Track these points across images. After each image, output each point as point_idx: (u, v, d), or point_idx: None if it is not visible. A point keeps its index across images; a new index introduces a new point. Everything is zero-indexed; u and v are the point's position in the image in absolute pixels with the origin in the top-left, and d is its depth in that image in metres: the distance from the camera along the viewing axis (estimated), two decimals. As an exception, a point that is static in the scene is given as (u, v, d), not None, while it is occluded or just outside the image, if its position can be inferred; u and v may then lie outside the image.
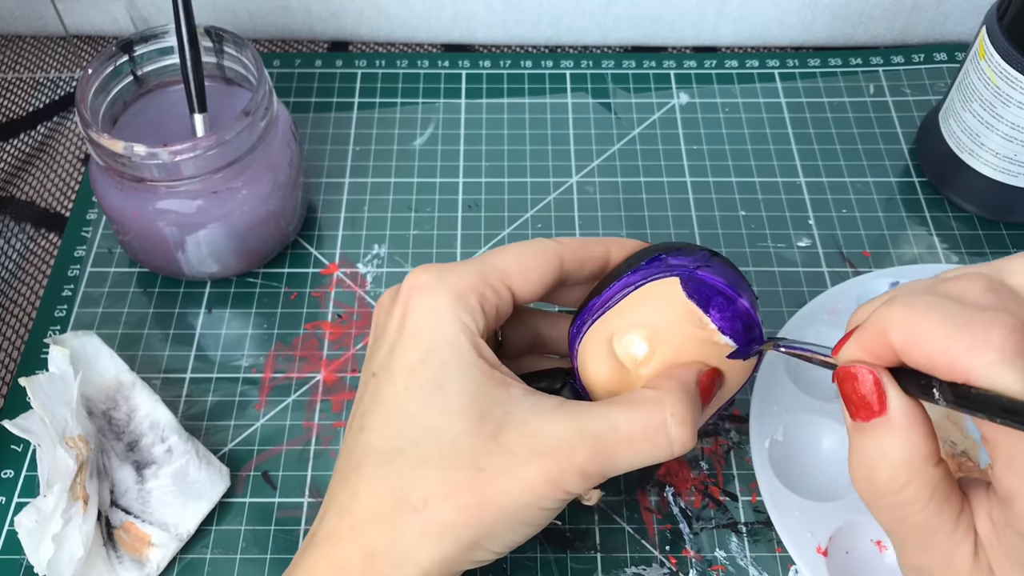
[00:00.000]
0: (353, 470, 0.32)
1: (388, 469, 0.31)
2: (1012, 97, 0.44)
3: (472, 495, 0.30)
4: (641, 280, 0.33)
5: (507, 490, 0.31)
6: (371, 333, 0.36)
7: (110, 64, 0.44)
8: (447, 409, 0.31)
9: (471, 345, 0.32)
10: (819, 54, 0.58)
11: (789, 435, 0.40)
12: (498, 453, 0.31)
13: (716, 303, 0.33)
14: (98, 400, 0.41)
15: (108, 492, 0.39)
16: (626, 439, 0.31)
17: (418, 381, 0.32)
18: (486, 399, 0.32)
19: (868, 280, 0.45)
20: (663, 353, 0.33)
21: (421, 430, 0.31)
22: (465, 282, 0.33)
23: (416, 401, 0.32)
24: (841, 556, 0.38)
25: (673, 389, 0.32)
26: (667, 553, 0.39)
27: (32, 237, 0.50)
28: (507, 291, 0.34)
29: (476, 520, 0.31)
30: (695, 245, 0.35)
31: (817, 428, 0.41)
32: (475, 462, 0.31)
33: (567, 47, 0.60)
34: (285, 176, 0.45)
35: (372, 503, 0.31)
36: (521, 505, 0.31)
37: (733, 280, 0.34)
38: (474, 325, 0.33)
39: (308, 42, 0.60)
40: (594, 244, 0.36)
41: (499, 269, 0.34)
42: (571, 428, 0.31)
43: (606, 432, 0.31)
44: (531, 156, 0.53)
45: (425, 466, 0.31)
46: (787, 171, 0.52)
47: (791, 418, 0.41)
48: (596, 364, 0.34)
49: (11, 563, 0.39)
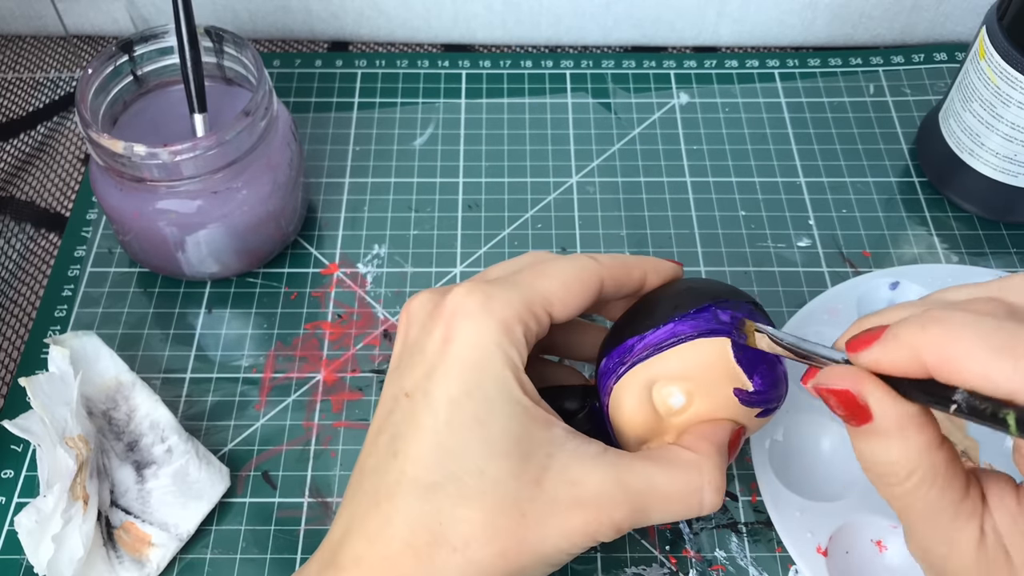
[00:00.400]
0: (385, 496, 0.31)
1: (427, 504, 0.31)
2: (1012, 97, 0.44)
3: (513, 540, 0.30)
4: (691, 332, 0.33)
5: (546, 536, 0.31)
6: (398, 343, 0.35)
7: (110, 64, 0.44)
8: (490, 449, 0.31)
9: (516, 381, 0.32)
10: (819, 54, 0.58)
11: (789, 435, 0.40)
12: (541, 500, 0.31)
13: (760, 370, 0.33)
14: (98, 400, 0.41)
15: (108, 492, 0.39)
16: (663, 499, 0.32)
17: (461, 416, 0.31)
18: (530, 440, 0.31)
19: (868, 280, 0.45)
20: (699, 408, 0.34)
21: (463, 468, 0.31)
22: (512, 311, 0.33)
23: (459, 437, 0.31)
24: (841, 556, 0.38)
25: (710, 454, 0.33)
26: (667, 553, 0.39)
27: (32, 237, 0.50)
28: (547, 317, 0.34)
29: (514, 564, 0.31)
30: (737, 292, 0.35)
31: (817, 428, 0.41)
32: (518, 507, 0.31)
33: (567, 47, 0.60)
34: (285, 176, 0.45)
35: (408, 536, 0.30)
36: (556, 551, 0.31)
37: None
38: (518, 359, 0.32)
39: (308, 42, 0.60)
40: (633, 266, 0.36)
41: (543, 295, 0.34)
42: (613, 481, 0.31)
43: (645, 490, 0.32)
44: (531, 156, 0.53)
45: (466, 506, 0.30)
46: (787, 171, 0.52)
47: (791, 418, 0.41)
48: (631, 406, 0.34)
49: (11, 563, 0.39)
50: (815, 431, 0.41)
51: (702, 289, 0.35)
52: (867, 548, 0.38)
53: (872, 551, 0.38)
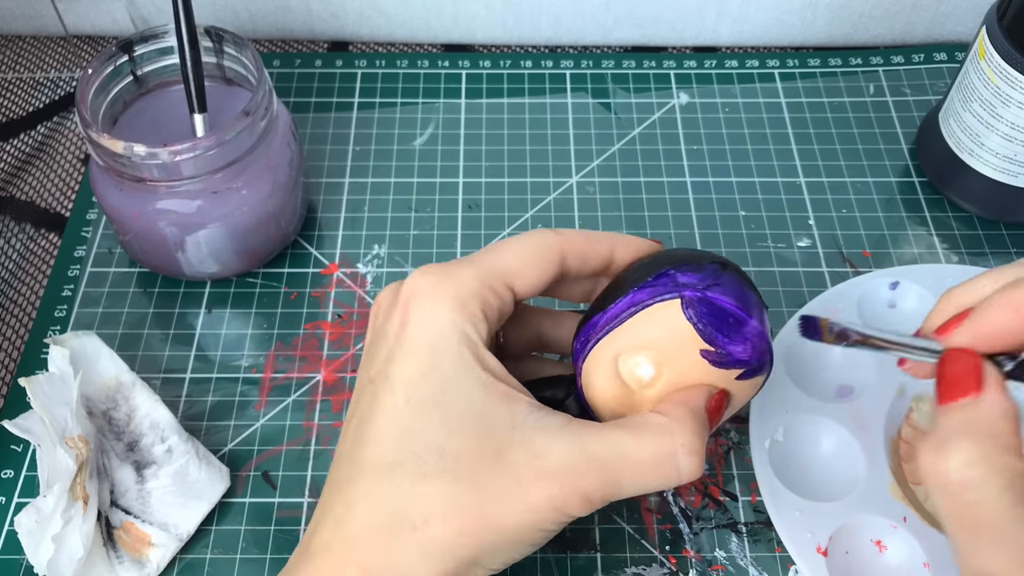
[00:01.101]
0: (347, 481, 0.32)
1: (386, 484, 0.31)
2: (1012, 97, 0.44)
3: (473, 516, 0.30)
4: (648, 299, 0.32)
5: (509, 512, 0.30)
6: (368, 333, 0.35)
7: (110, 64, 0.44)
8: (448, 425, 0.31)
9: (474, 357, 0.32)
10: (819, 54, 0.58)
11: (789, 435, 0.40)
12: (502, 474, 0.30)
13: (725, 329, 0.32)
14: (98, 400, 0.41)
15: (108, 492, 0.39)
16: (634, 467, 0.31)
17: (419, 395, 0.31)
18: (490, 416, 0.31)
19: (868, 280, 0.45)
20: (670, 376, 0.33)
21: (422, 446, 0.31)
22: (467, 289, 0.32)
23: (417, 416, 0.31)
24: (841, 556, 0.38)
25: (683, 418, 0.31)
26: (667, 553, 0.39)
27: (32, 237, 0.50)
28: (509, 292, 0.34)
29: (476, 540, 0.30)
30: (704, 255, 0.34)
31: (817, 428, 0.41)
32: (478, 482, 0.30)
33: (567, 47, 0.60)
34: (285, 176, 0.45)
35: (369, 518, 0.31)
36: (523, 527, 0.30)
37: (742, 297, 0.33)
38: (476, 335, 0.32)
39: (308, 42, 0.60)
40: (598, 240, 0.35)
41: (501, 270, 0.33)
42: (578, 451, 0.31)
43: (614, 459, 0.31)
44: (531, 156, 0.53)
45: (425, 483, 0.30)
46: (787, 171, 0.52)
47: (791, 418, 0.41)
48: (601, 383, 0.34)
49: (11, 563, 0.39)
50: (815, 431, 0.41)
51: (664, 257, 0.34)
52: (867, 548, 0.38)
53: (872, 551, 0.38)
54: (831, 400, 0.42)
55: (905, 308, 0.45)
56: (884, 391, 0.41)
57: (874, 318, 0.44)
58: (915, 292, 0.45)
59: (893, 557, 0.38)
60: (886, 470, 0.39)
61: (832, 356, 0.43)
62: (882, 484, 0.39)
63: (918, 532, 0.37)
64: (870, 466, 0.39)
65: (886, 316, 0.45)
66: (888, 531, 0.38)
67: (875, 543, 0.38)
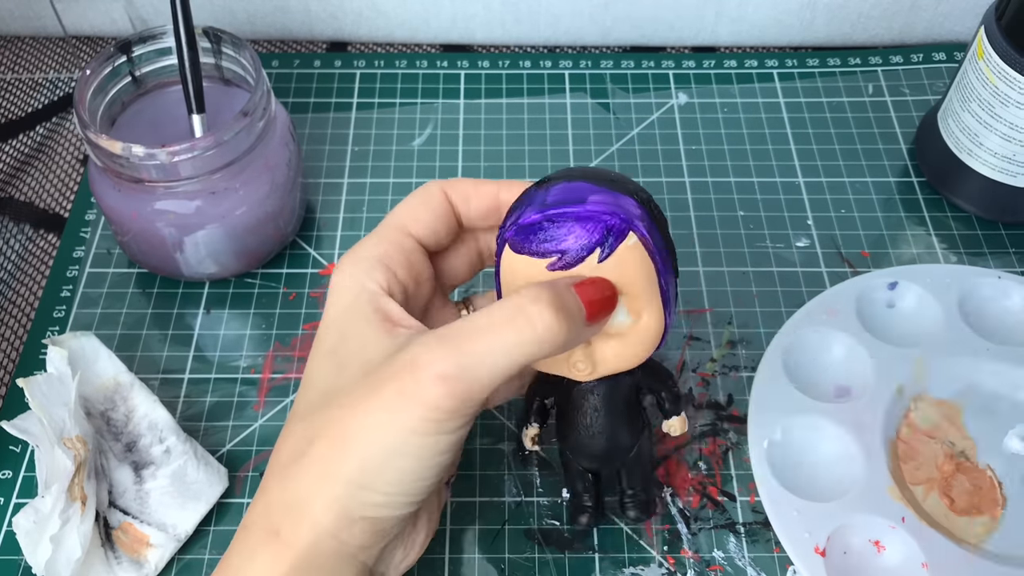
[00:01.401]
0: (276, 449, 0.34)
1: (292, 427, 0.33)
2: (1010, 97, 0.44)
3: (341, 427, 0.31)
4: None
5: (367, 412, 0.30)
6: None
7: (108, 65, 0.44)
8: (339, 369, 0.33)
9: (369, 303, 0.33)
10: (818, 54, 0.58)
11: (787, 436, 0.41)
12: (364, 385, 0.31)
13: (521, 242, 0.33)
14: (96, 401, 0.41)
15: (106, 493, 0.39)
16: (485, 331, 0.30)
17: (321, 349, 0.34)
18: (373, 349, 0.32)
19: (867, 280, 0.45)
20: None
21: (318, 391, 0.33)
22: (364, 250, 0.35)
23: (317, 366, 0.34)
24: (839, 556, 0.38)
25: (532, 288, 0.31)
26: (665, 553, 0.39)
27: (31, 238, 0.50)
28: (409, 238, 0.36)
29: (351, 452, 0.30)
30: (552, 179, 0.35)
31: (816, 429, 0.41)
32: (353, 405, 0.31)
33: (566, 47, 0.60)
34: (283, 176, 0.45)
35: (278, 459, 0.33)
36: (385, 428, 0.30)
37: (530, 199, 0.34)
38: (375, 284, 0.34)
39: (307, 42, 0.60)
40: (482, 183, 0.37)
41: (394, 223, 0.36)
42: (431, 339, 0.31)
43: (464, 333, 0.30)
44: (530, 156, 0.53)
45: (311, 416, 0.32)
46: (786, 171, 0.52)
47: (790, 419, 0.41)
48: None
49: (10, 564, 0.39)
50: (814, 432, 0.41)
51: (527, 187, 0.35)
52: (865, 548, 0.38)
53: (870, 551, 0.38)
54: (830, 400, 0.42)
55: (904, 308, 0.45)
56: (882, 392, 0.41)
57: (872, 318, 0.44)
58: (914, 292, 0.45)
59: (891, 557, 0.38)
60: (885, 470, 0.39)
61: (831, 357, 0.43)
62: (880, 484, 0.39)
63: (917, 532, 0.37)
64: (868, 466, 0.39)
65: (885, 316, 0.45)
66: (886, 531, 0.38)
67: (873, 543, 0.38)
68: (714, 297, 0.47)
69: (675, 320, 0.38)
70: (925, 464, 0.41)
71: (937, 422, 0.42)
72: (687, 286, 0.47)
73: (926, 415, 0.42)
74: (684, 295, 0.47)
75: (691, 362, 0.45)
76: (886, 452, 0.40)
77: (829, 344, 0.43)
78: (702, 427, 0.43)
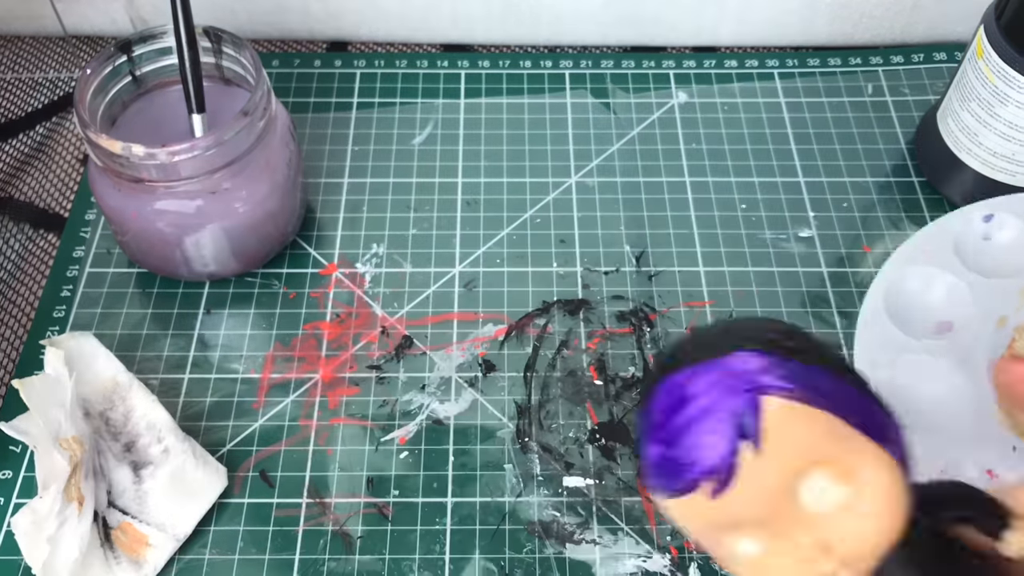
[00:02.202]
0: None
1: None
2: (1009, 96, 0.44)
3: None
4: None
5: None
6: None
7: (108, 64, 0.44)
8: None
9: None
10: (818, 54, 0.58)
11: (893, 375, 0.40)
12: None
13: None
14: (95, 401, 0.41)
15: (105, 493, 0.39)
16: None
17: None
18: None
19: (961, 214, 0.44)
20: None
21: None
22: None
23: None
24: None
25: None
26: (668, 545, 0.39)
27: (31, 237, 0.50)
28: None
29: None
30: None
31: (920, 366, 0.40)
32: None
33: (566, 47, 0.60)
34: (283, 176, 0.45)
35: None
36: None
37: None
38: None
39: (307, 42, 0.60)
40: None
41: None
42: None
43: None
44: (530, 156, 0.53)
45: None
46: (786, 171, 0.52)
47: (893, 358, 0.40)
48: None
49: (9, 564, 0.39)
50: (917, 368, 0.40)
51: None
52: (979, 478, 0.37)
53: (984, 481, 0.38)
54: (932, 337, 0.41)
55: (1001, 239, 0.44)
56: (984, 324, 0.41)
57: (969, 252, 0.43)
58: (1011, 223, 0.44)
59: None
60: (991, 400, 0.39)
61: (931, 294, 0.43)
62: (989, 414, 0.39)
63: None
64: (975, 398, 0.39)
65: (982, 249, 0.44)
66: (998, 460, 0.38)
67: (986, 472, 0.38)
68: (715, 296, 0.47)
69: (912, 457, 0.25)
70: None
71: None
72: (688, 286, 0.47)
73: None
74: (684, 294, 0.47)
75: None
76: (992, 383, 0.40)
77: (928, 282, 0.43)
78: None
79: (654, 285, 0.47)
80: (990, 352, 0.41)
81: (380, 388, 0.44)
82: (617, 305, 0.47)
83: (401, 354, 0.45)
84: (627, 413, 0.43)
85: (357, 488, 0.41)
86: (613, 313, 0.46)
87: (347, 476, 0.41)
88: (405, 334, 0.46)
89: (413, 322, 0.46)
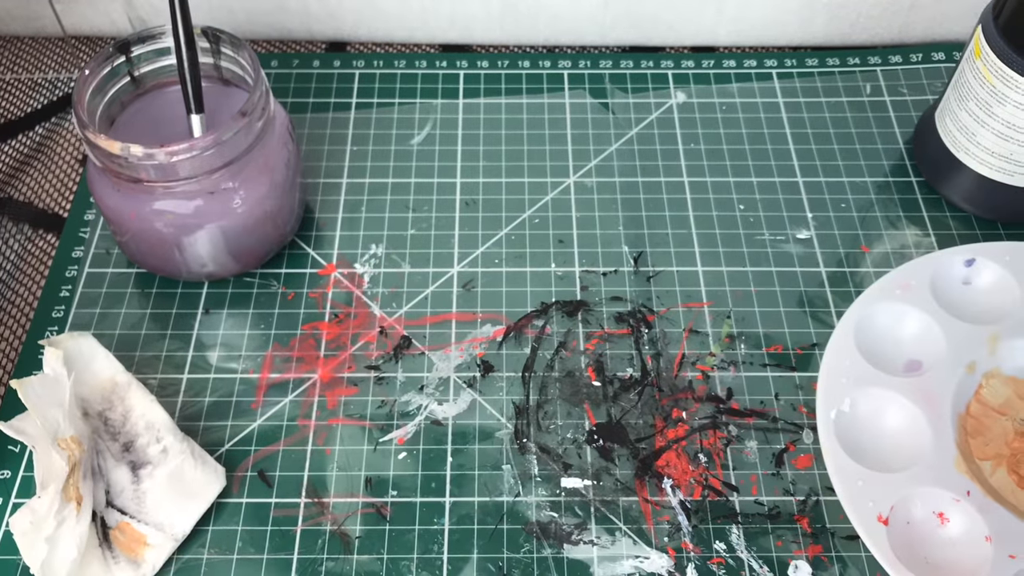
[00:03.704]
0: None
1: None
2: (1008, 96, 0.44)
3: None
4: None
5: None
6: None
7: (107, 65, 0.44)
8: None
9: None
10: (817, 54, 0.58)
11: (856, 407, 0.41)
12: None
13: None
14: (94, 401, 0.41)
15: (103, 493, 0.39)
16: None
17: None
18: None
19: (943, 256, 0.45)
20: None
21: None
22: None
23: None
24: (902, 526, 0.38)
25: None
26: (666, 545, 0.39)
27: (30, 238, 0.50)
28: None
29: None
30: None
31: (884, 401, 0.41)
32: None
33: (565, 47, 0.60)
34: (282, 176, 0.45)
35: None
36: None
37: None
38: None
39: (306, 42, 0.60)
40: None
41: None
42: None
43: None
44: (529, 156, 0.53)
45: None
46: (784, 171, 0.52)
47: (858, 391, 0.41)
48: None
49: (9, 564, 0.39)
50: (882, 404, 0.41)
51: None
52: (928, 519, 0.38)
53: (933, 523, 0.38)
54: (900, 374, 0.42)
55: (980, 285, 0.45)
56: (953, 367, 0.41)
57: (947, 294, 0.44)
58: (992, 270, 0.44)
59: (954, 529, 0.38)
60: (952, 444, 0.39)
61: (903, 331, 0.43)
62: (947, 458, 0.39)
63: (982, 506, 0.38)
64: (936, 439, 0.39)
65: (960, 293, 0.44)
66: (951, 504, 0.38)
67: (937, 515, 0.38)
68: (713, 297, 0.47)
69: None
70: (994, 440, 0.41)
71: (1008, 398, 0.42)
72: (686, 286, 0.47)
73: (997, 391, 0.42)
74: (683, 295, 0.47)
75: (690, 356, 0.45)
76: (954, 426, 0.40)
77: (902, 319, 0.43)
78: (702, 420, 0.43)
79: (652, 285, 0.48)
80: (956, 396, 0.41)
81: (378, 388, 0.44)
82: (615, 306, 0.47)
83: (399, 354, 0.45)
84: (625, 414, 0.43)
85: (355, 488, 0.41)
86: (611, 314, 0.46)
87: (345, 476, 0.41)
88: (403, 334, 0.46)
89: (411, 322, 0.46)
